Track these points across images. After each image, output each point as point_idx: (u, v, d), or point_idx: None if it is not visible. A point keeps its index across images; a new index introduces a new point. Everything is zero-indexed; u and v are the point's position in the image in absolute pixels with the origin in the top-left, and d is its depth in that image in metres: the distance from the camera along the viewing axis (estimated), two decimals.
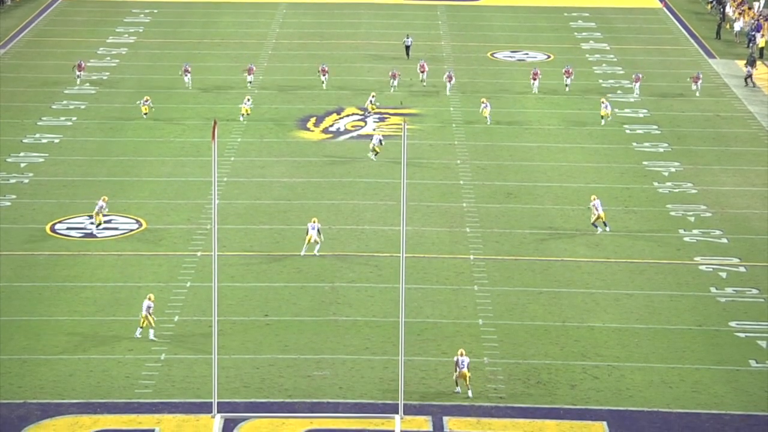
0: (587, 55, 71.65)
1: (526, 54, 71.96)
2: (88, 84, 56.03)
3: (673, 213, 48.61)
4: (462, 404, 33.80)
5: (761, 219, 48.09)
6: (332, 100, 62.97)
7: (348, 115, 60.72)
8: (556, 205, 49.13)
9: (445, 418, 33.09)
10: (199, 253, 44.05)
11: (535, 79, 61.68)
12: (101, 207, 45.87)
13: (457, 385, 34.21)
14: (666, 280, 42.36)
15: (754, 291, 41.53)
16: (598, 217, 45.75)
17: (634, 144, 56.92)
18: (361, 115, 60.68)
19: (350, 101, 62.92)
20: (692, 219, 48.07)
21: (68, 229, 46.32)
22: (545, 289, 41.46)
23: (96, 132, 57.76)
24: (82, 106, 61.32)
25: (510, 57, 71.42)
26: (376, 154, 53.23)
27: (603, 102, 57.41)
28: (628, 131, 58.80)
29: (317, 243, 43.15)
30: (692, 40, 75.45)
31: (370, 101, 60.15)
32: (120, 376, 35.19)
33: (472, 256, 44.09)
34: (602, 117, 56.91)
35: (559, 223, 47.31)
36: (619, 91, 64.81)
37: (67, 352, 36.60)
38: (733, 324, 39.03)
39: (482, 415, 33.33)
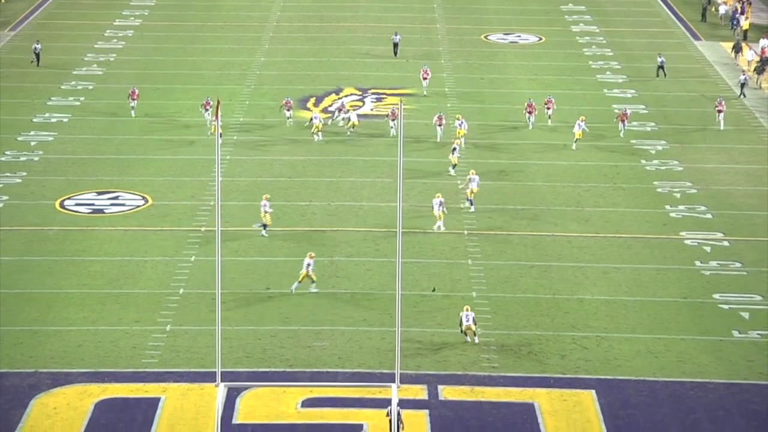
0: (577, 38, 71.46)
1: (519, 36, 71.77)
2: (96, 66, 54.54)
3: (659, 189, 48.57)
4: (456, 373, 33.86)
5: (744, 195, 48.07)
6: (331, 81, 62.78)
7: (347, 95, 60.54)
8: (547, 182, 49.08)
9: (440, 387, 33.14)
10: (203, 228, 44.01)
11: (530, 113, 54.47)
12: (265, 206, 42.78)
13: (465, 335, 35.17)
14: (652, 254, 42.37)
15: (737, 264, 41.55)
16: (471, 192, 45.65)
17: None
18: (359, 95, 60.49)
19: (349, 82, 62.74)
20: (678, 195, 48.04)
21: (77, 205, 46.26)
22: (536, 263, 41.46)
23: (103, 112, 57.60)
24: (90, 87, 61.15)
25: (503, 39, 71.22)
26: (352, 127, 53.28)
27: (579, 123, 52.24)
28: (617, 110, 58.67)
29: (312, 281, 38.61)
30: (679, 23, 75.24)
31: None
32: (127, 347, 35.23)
33: (466, 232, 44.07)
34: (576, 139, 51.84)
35: (550, 200, 47.26)
36: (608, 72, 64.65)
37: (76, 324, 36.62)
38: (716, 296, 39.07)
39: (476, 383, 33.38)
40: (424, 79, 59.44)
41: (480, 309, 37.82)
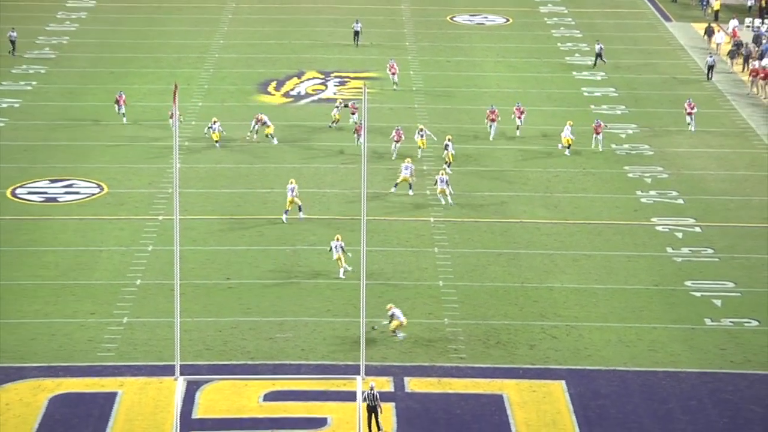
0: (545, 19, 71.56)
1: (485, 17, 71.78)
2: (48, 49, 53.15)
3: (630, 174, 48.73)
4: (423, 365, 33.85)
5: (716, 180, 48.32)
6: (292, 64, 62.56)
7: (309, 79, 60.37)
8: (515, 168, 49.12)
9: (407, 379, 33.13)
10: (160, 217, 43.77)
11: (493, 121, 51.60)
12: (292, 189, 42.72)
13: (394, 333, 34.87)
14: (623, 241, 42.52)
15: (709, 251, 41.77)
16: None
17: (592, 106, 56.95)
18: (322, 79, 60.32)
19: (311, 65, 62.55)
20: (649, 180, 48.22)
21: (29, 193, 45.89)
22: (505, 250, 41.51)
23: (56, 96, 57.16)
24: (42, 71, 60.65)
25: (469, 21, 71.21)
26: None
27: (567, 127, 50.05)
28: (586, 94, 58.82)
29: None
30: (649, 4, 75.48)
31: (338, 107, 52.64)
32: (82, 340, 34.99)
33: (432, 219, 44.05)
34: (567, 146, 49.77)
35: (519, 186, 47.31)
36: (576, 54, 64.78)
37: (29, 316, 36.33)
38: (688, 283, 39.26)
39: (443, 375, 33.39)
40: (393, 74, 57.67)
41: (447, 298, 37.83)
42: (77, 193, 46.17)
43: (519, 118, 51.60)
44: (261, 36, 67.26)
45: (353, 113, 52.63)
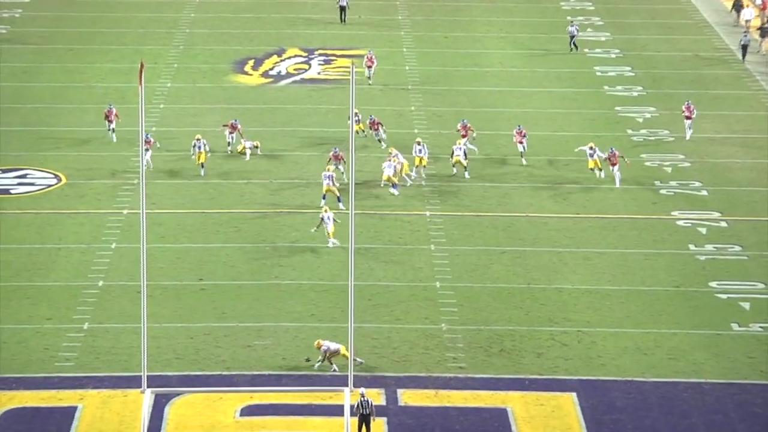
0: None
1: None
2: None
3: (648, 163, 48.83)
4: (418, 375, 33.90)
5: (744, 169, 48.42)
6: (272, 40, 62.56)
7: (290, 57, 60.38)
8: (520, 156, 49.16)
9: (400, 391, 33.18)
10: (125, 211, 43.78)
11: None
12: (330, 177, 42.73)
13: (331, 363, 33.76)
14: (640, 237, 42.61)
15: (737, 248, 41.87)
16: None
17: (606, 87, 57.05)
18: (304, 57, 60.34)
19: (292, 41, 62.54)
20: (669, 169, 48.32)
21: None
22: (508, 247, 41.58)
23: (8, 77, 57.10)
24: None
25: None
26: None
27: (589, 149, 46.53)
28: (599, 73, 58.92)
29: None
30: None
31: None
32: (38, 348, 34.99)
33: (428, 212, 44.11)
34: (597, 168, 46.34)
35: (524, 176, 47.38)
36: (589, 30, 64.85)
37: None
38: (713, 284, 39.35)
39: (440, 386, 33.44)
40: (369, 67, 55.74)
41: (445, 301, 37.89)
42: (32, 184, 46.13)
43: (521, 142, 47.55)
44: (237, 9, 67.23)
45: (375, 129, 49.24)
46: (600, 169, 46.18)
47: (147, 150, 45.41)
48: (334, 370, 33.72)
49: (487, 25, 65.30)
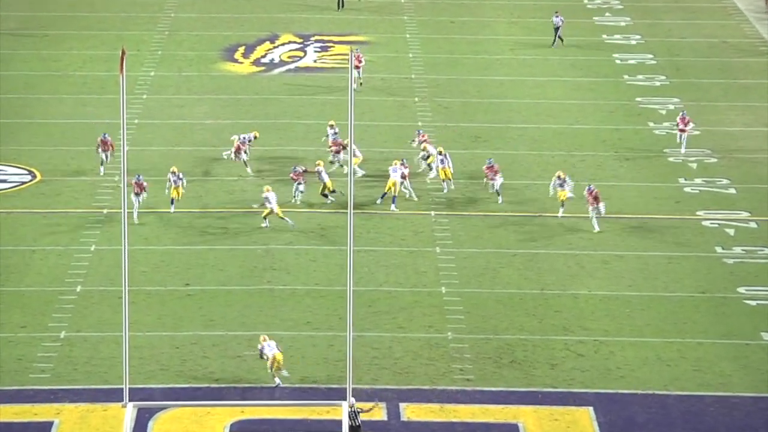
0: None
1: None
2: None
3: (671, 159, 48.90)
4: (422, 388, 33.97)
5: None
6: (264, 26, 62.62)
7: (284, 44, 60.45)
8: (533, 151, 49.26)
9: (402, 405, 33.25)
10: (105, 211, 43.85)
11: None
12: (396, 170, 42.84)
13: (273, 375, 33.68)
14: (663, 239, 42.67)
15: (767, 250, 41.94)
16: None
17: (626, 77, 57.12)
18: (299, 43, 60.43)
19: (286, 27, 62.60)
20: (694, 166, 48.38)
21: None
22: (520, 250, 41.64)
23: None
24: None
25: None
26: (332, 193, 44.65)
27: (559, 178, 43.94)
28: (618, 61, 58.98)
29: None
30: None
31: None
32: (10, 359, 35.05)
33: (433, 213, 44.18)
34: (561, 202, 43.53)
35: (537, 172, 47.45)
36: (607, 14, 64.95)
37: None
38: (742, 290, 39.41)
39: (446, 400, 33.52)
40: (356, 67, 53.74)
41: (451, 308, 37.96)
42: (4, 181, 46.21)
43: (492, 179, 44.65)
44: None
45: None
46: (562, 205, 43.08)
47: (138, 194, 42.69)
48: (278, 384, 33.62)
49: (496, 9, 65.34)
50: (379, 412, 32.77)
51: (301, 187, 44.20)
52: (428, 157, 45.94)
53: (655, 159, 48.56)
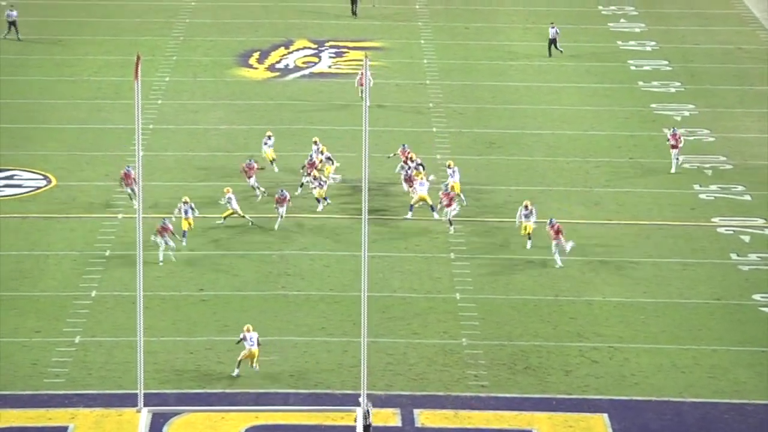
0: None
1: None
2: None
3: (686, 165, 48.84)
4: (436, 394, 33.96)
5: None
6: (279, 31, 62.68)
7: (298, 49, 60.51)
8: (548, 157, 49.26)
9: (416, 411, 33.24)
10: (120, 216, 43.90)
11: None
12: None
13: (250, 364, 34.42)
14: (678, 245, 42.62)
15: None
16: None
17: (641, 83, 57.08)
18: (314, 49, 60.49)
19: (301, 32, 62.65)
20: (709, 172, 48.32)
21: None
22: (534, 256, 41.62)
23: None
24: None
25: None
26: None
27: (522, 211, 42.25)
28: (633, 68, 58.94)
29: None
30: None
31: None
32: (25, 363, 35.10)
33: (446, 218, 44.14)
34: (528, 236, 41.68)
35: (552, 178, 47.44)
36: (622, 20, 64.93)
37: None
38: (757, 297, 39.36)
39: (460, 406, 33.50)
40: (362, 85, 53.24)
41: (465, 314, 37.96)
42: (19, 186, 46.28)
43: (448, 206, 42.80)
44: None
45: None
46: (529, 237, 41.60)
47: (163, 236, 40.67)
48: (237, 375, 34.13)
49: (511, 15, 65.35)
50: (393, 418, 32.78)
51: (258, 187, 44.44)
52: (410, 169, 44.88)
53: (670, 165, 48.45)
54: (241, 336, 34.55)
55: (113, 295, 38.73)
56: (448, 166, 44.88)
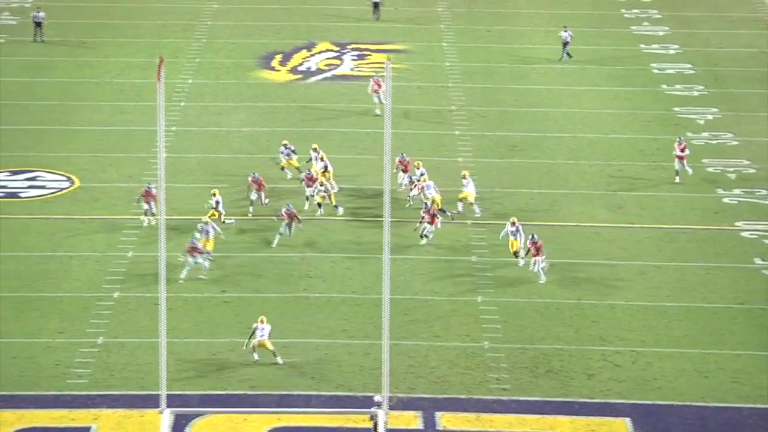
0: None
1: None
2: (7, 14, 49.61)
3: (710, 169, 48.76)
4: (458, 397, 33.97)
5: None
6: (301, 34, 62.76)
7: (320, 52, 60.57)
8: (570, 160, 49.23)
9: (438, 414, 33.26)
10: (143, 218, 44.00)
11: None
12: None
13: (253, 352, 35.00)
14: (701, 249, 42.55)
15: None
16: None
17: (664, 86, 57.00)
18: (336, 51, 60.55)
19: (323, 35, 62.73)
20: (733, 176, 48.24)
21: None
22: (557, 260, 41.60)
23: (16, 71, 57.49)
24: (1, 41, 61.04)
25: None
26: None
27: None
28: (656, 71, 58.88)
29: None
30: None
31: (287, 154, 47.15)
32: (49, 364, 35.23)
33: (469, 221, 44.18)
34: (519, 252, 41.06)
35: (574, 181, 47.41)
36: (645, 23, 64.86)
37: None
38: None
39: (482, 410, 33.51)
40: (375, 92, 52.66)
41: (487, 317, 37.96)
42: (42, 187, 46.44)
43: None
44: None
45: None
46: (523, 256, 40.80)
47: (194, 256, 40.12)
48: (255, 361, 34.71)
49: (533, 18, 65.32)
50: (414, 421, 32.80)
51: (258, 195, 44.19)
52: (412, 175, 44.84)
53: (693, 169, 48.36)
54: (254, 326, 34.95)
55: (136, 296, 38.84)
56: (463, 177, 44.65)
